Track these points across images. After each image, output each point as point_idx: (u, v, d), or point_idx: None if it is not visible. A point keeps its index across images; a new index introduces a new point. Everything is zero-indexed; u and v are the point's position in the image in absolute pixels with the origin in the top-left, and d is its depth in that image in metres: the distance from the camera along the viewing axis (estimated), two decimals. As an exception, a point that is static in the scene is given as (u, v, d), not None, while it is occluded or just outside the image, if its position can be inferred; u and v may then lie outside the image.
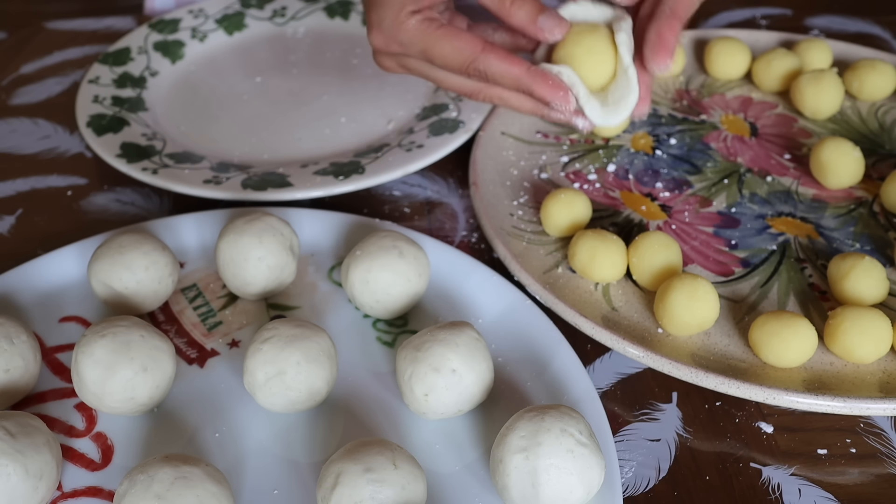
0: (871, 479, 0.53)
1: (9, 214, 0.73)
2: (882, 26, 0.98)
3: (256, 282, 0.61)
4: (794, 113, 0.81)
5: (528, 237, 0.67)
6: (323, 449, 0.54)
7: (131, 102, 0.82)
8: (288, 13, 0.96)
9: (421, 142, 0.75)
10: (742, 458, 0.54)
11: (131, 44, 0.89)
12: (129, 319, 0.55)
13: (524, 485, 0.47)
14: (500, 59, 0.57)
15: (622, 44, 0.56)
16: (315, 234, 0.67)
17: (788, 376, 0.56)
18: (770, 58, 0.82)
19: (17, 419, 0.49)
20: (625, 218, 0.70)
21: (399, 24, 0.58)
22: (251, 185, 0.71)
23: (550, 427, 0.47)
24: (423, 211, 0.73)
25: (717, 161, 0.75)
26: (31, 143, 0.82)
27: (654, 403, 0.57)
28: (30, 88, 0.89)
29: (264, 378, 0.53)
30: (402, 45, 0.59)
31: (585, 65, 0.58)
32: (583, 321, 0.59)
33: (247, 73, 0.89)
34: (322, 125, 0.81)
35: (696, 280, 0.58)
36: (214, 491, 0.46)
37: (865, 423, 0.56)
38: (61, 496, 0.51)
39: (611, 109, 0.58)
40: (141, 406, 0.54)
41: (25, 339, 0.55)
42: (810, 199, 0.71)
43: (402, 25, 0.58)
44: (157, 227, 0.67)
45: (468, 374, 0.53)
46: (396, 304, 0.60)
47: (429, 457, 0.53)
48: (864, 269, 0.60)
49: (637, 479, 0.53)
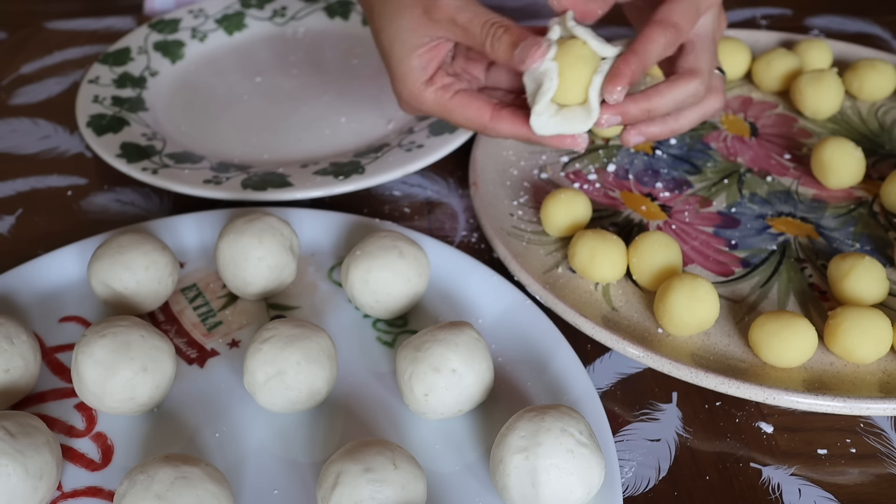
0: (871, 479, 0.53)
1: (9, 214, 0.73)
2: (882, 26, 0.98)
3: (256, 282, 0.61)
4: (794, 113, 0.81)
5: (528, 237, 0.67)
6: (323, 449, 0.54)
7: (131, 102, 0.82)
8: (288, 13, 0.96)
9: (421, 142, 0.75)
10: (742, 458, 0.54)
11: (131, 44, 0.89)
12: (129, 319, 0.55)
13: (524, 485, 0.47)
14: (506, 124, 0.59)
15: (594, 86, 0.56)
16: (315, 234, 0.67)
17: (788, 376, 0.56)
18: (770, 58, 0.82)
19: (17, 419, 0.49)
20: (625, 218, 0.70)
21: (416, 96, 0.61)
22: (251, 185, 0.71)
23: (550, 427, 0.47)
24: (423, 211, 0.73)
25: (717, 161, 0.75)
26: (31, 143, 0.82)
27: (654, 403, 0.57)
28: (30, 88, 0.89)
29: (264, 378, 0.53)
30: (425, 111, 0.62)
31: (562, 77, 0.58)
32: (583, 321, 0.59)
33: (247, 73, 0.89)
34: (322, 125, 0.81)
35: (696, 280, 0.58)
36: (214, 491, 0.46)
37: (865, 423, 0.56)
38: (61, 496, 0.51)
39: (554, 122, 0.58)
40: (141, 406, 0.54)
41: (25, 339, 0.55)
42: (810, 199, 0.71)
43: (419, 98, 0.61)
44: (157, 227, 0.67)
45: (468, 374, 0.53)
46: (396, 304, 0.60)
47: (429, 457, 0.53)
48: (864, 269, 0.60)
49: (637, 479, 0.53)
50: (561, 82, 0.56)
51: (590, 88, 0.56)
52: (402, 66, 0.60)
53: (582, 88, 0.57)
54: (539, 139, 0.59)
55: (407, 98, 0.62)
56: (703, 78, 0.59)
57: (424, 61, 0.60)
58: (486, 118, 0.59)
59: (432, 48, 0.60)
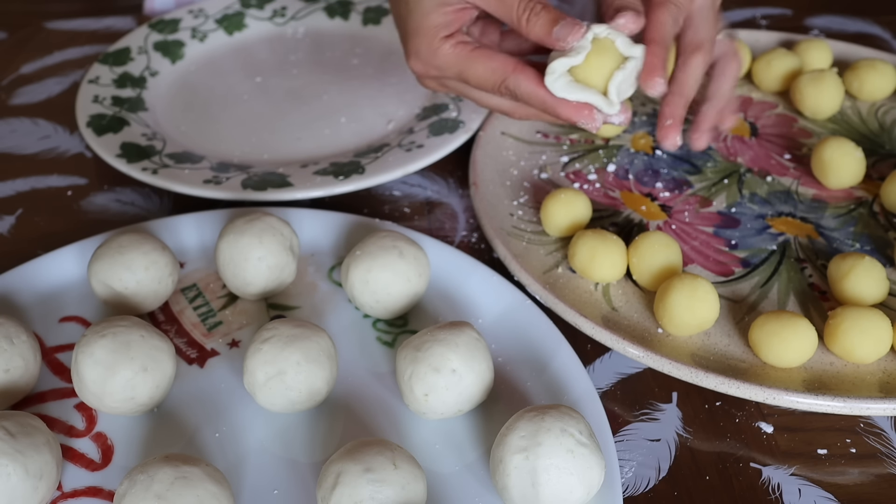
0: (871, 479, 0.53)
1: (9, 214, 0.73)
2: (882, 26, 0.98)
3: (256, 282, 0.61)
4: (794, 113, 0.81)
5: (528, 237, 0.67)
6: (323, 449, 0.54)
7: (131, 102, 0.82)
8: (288, 13, 0.96)
9: (421, 142, 0.75)
10: (742, 458, 0.54)
11: (131, 44, 0.89)
12: (129, 319, 0.55)
13: (524, 485, 0.47)
14: (528, 81, 0.58)
15: (615, 81, 0.58)
16: (315, 234, 0.67)
17: (788, 376, 0.56)
18: (770, 58, 0.82)
19: (17, 419, 0.49)
20: (625, 218, 0.70)
21: (433, 50, 0.60)
22: (251, 185, 0.71)
23: (550, 427, 0.47)
24: (423, 211, 0.73)
25: (717, 161, 0.75)
26: (31, 143, 0.82)
27: (654, 403, 0.57)
28: (30, 88, 0.89)
29: (264, 378, 0.53)
30: (439, 69, 0.61)
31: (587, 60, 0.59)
32: (583, 321, 0.59)
33: (247, 73, 0.89)
34: (322, 125, 0.81)
35: (696, 280, 0.58)
36: (214, 491, 0.46)
37: (865, 423, 0.56)
38: (61, 496, 0.51)
39: (569, 89, 0.58)
40: (141, 406, 0.54)
41: (25, 339, 0.55)
42: (810, 199, 0.71)
43: (436, 52, 0.60)
44: (157, 227, 0.67)
45: (468, 374, 0.53)
46: (396, 304, 0.60)
47: (429, 457, 0.53)
48: (864, 269, 0.60)
49: (637, 479, 0.53)
50: (585, 63, 0.57)
51: (610, 83, 0.57)
52: (427, 20, 0.59)
53: (602, 77, 0.58)
54: (555, 105, 0.58)
55: (424, 52, 0.60)
56: (706, 48, 0.63)
57: (449, 19, 0.59)
58: (508, 69, 0.59)
59: (459, 10, 0.59)
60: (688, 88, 0.64)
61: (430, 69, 0.62)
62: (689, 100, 0.64)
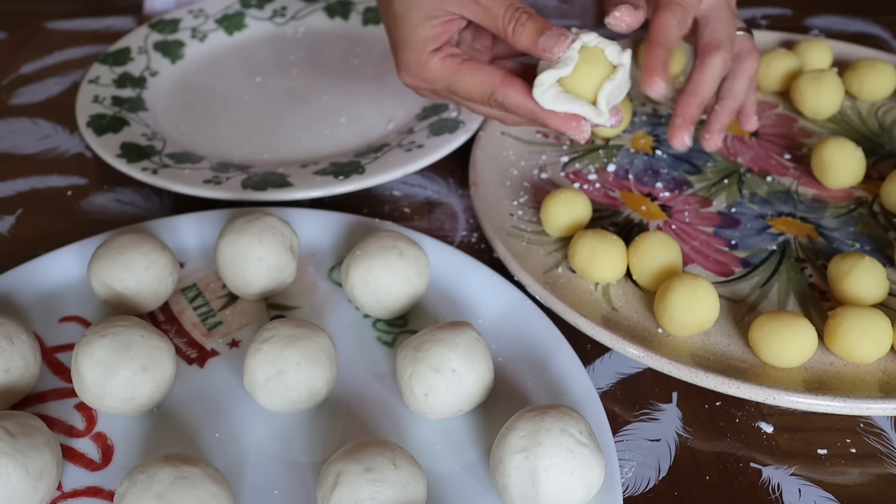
0: (871, 479, 0.53)
1: (9, 214, 0.73)
2: (882, 26, 0.98)
3: (256, 282, 0.61)
4: (794, 113, 0.81)
5: (528, 237, 0.67)
6: (323, 449, 0.54)
7: (131, 102, 0.82)
8: (288, 13, 0.96)
9: (421, 142, 0.75)
10: (742, 458, 0.54)
11: (131, 44, 0.89)
12: (129, 319, 0.55)
13: (524, 485, 0.47)
14: (516, 93, 0.58)
15: (604, 91, 0.57)
16: (315, 234, 0.67)
17: (788, 376, 0.56)
18: (770, 58, 0.82)
19: (17, 419, 0.49)
20: (625, 218, 0.70)
21: (422, 64, 0.60)
22: (251, 185, 0.71)
23: (550, 427, 0.47)
24: (423, 211, 0.73)
25: (717, 161, 0.75)
26: (31, 143, 0.82)
27: (654, 403, 0.57)
28: (30, 88, 0.89)
29: (264, 378, 0.53)
30: (429, 82, 0.61)
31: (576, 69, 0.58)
32: (583, 321, 0.59)
33: (247, 73, 0.89)
34: (322, 125, 0.81)
35: (696, 280, 0.58)
36: (214, 491, 0.46)
37: (865, 423, 0.56)
38: (61, 496, 0.51)
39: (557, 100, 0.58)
40: (141, 406, 0.54)
41: (25, 339, 0.55)
42: (810, 199, 0.71)
43: (425, 66, 0.60)
44: (157, 227, 0.67)
45: (468, 374, 0.53)
46: (396, 304, 0.60)
47: (429, 457, 0.53)
48: (864, 269, 0.60)
49: (637, 479, 0.53)
50: (574, 73, 0.56)
51: (599, 92, 0.57)
52: (414, 34, 0.60)
53: (592, 87, 0.57)
54: (543, 116, 0.58)
55: (414, 66, 0.61)
56: (724, 47, 0.63)
57: (436, 32, 0.60)
58: (496, 82, 0.59)
59: (446, 22, 0.59)
60: (703, 88, 0.64)
61: (420, 82, 0.62)
62: (704, 100, 0.64)
